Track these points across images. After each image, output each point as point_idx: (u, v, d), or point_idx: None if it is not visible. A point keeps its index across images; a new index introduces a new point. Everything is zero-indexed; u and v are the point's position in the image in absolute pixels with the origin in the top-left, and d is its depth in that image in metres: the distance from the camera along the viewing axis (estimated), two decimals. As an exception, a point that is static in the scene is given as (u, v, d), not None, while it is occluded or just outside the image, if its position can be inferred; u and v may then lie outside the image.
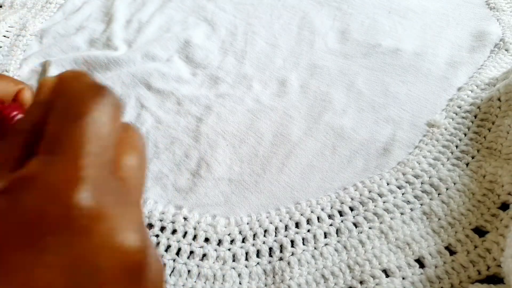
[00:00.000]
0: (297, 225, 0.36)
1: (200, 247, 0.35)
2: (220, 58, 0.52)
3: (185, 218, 0.37)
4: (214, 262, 0.34)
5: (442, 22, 0.54)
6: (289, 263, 0.33)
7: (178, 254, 0.34)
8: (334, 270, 0.32)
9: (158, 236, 0.36)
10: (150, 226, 0.36)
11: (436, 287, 0.31)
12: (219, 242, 0.35)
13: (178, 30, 0.57)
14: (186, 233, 0.36)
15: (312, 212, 0.36)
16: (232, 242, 0.35)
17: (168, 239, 0.35)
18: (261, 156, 0.41)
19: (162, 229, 0.36)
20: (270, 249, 0.34)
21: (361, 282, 0.32)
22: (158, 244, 0.35)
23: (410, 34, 0.53)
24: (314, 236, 0.35)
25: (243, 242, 0.35)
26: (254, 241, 0.35)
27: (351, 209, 0.36)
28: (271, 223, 0.36)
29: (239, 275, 0.33)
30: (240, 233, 0.36)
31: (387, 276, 0.32)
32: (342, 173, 0.39)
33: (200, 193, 0.39)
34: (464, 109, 0.43)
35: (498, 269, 0.30)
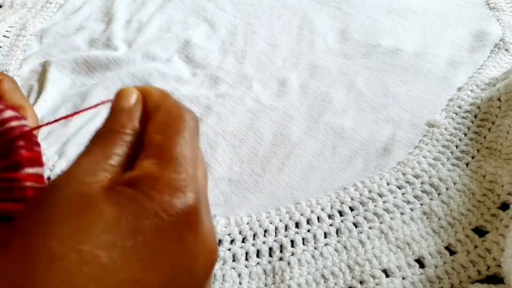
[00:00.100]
0: (297, 225, 0.36)
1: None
2: (220, 58, 0.52)
3: (185, 218, 0.37)
4: (214, 262, 0.34)
5: (442, 22, 0.54)
6: (289, 263, 0.33)
7: (178, 254, 0.34)
8: (334, 270, 0.32)
9: (158, 236, 0.36)
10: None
11: (436, 287, 0.31)
12: (219, 242, 0.35)
13: (178, 30, 0.57)
14: (186, 233, 0.36)
15: (312, 212, 0.36)
16: (232, 242, 0.35)
17: (168, 239, 0.35)
18: (261, 156, 0.41)
19: (162, 229, 0.36)
20: (270, 249, 0.34)
21: (361, 282, 0.32)
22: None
23: (410, 34, 0.53)
24: (314, 236, 0.35)
25: (243, 242, 0.35)
26: (254, 241, 0.35)
27: (351, 209, 0.36)
28: (271, 223, 0.36)
29: (239, 275, 0.33)
30: (240, 233, 0.36)
31: (387, 276, 0.32)
32: (342, 173, 0.39)
33: (200, 193, 0.39)
34: (464, 109, 0.43)
35: (498, 269, 0.30)
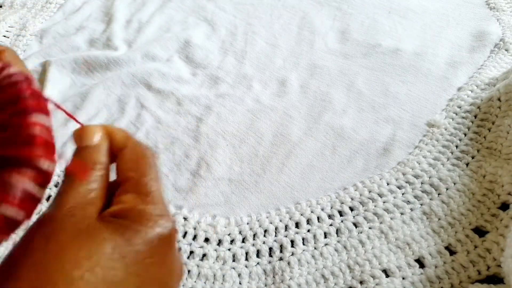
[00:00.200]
0: (297, 225, 0.36)
1: (200, 247, 0.35)
2: (220, 58, 0.52)
3: (185, 218, 0.37)
4: (214, 262, 0.34)
5: (442, 22, 0.54)
6: (289, 263, 0.33)
7: (178, 254, 0.35)
8: (334, 270, 0.32)
9: (158, 236, 0.36)
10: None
11: (436, 287, 0.31)
12: (219, 242, 0.35)
13: (178, 30, 0.57)
14: (186, 233, 0.36)
15: (312, 212, 0.36)
16: (232, 242, 0.35)
17: (168, 239, 0.35)
18: (261, 156, 0.41)
19: (162, 229, 0.36)
20: (270, 249, 0.34)
21: (361, 282, 0.32)
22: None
23: (410, 34, 0.53)
24: (314, 236, 0.35)
25: (243, 242, 0.35)
26: (254, 241, 0.35)
27: (351, 209, 0.36)
28: (271, 223, 0.36)
29: (239, 275, 0.33)
30: (240, 233, 0.36)
31: (387, 276, 0.32)
32: (342, 173, 0.39)
33: (200, 193, 0.39)
34: (464, 109, 0.43)
35: (498, 269, 0.30)
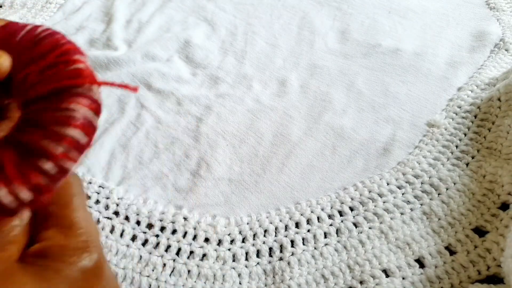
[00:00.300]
0: (297, 225, 0.36)
1: (200, 247, 0.35)
2: (220, 58, 0.52)
3: (185, 218, 0.37)
4: (214, 262, 0.34)
5: (442, 22, 0.54)
6: (289, 263, 0.33)
7: (178, 254, 0.34)
8: (334, 270, 0.32)
9: (158, 236, 0.36)
10: (150, 226, 0.36)
11: (436, 287, 0.31)
12: (219, 242, 0.35)
13: (178, 30, 0.57)
14: (186, 233, 0.36)
15: (312, 212, 0.36)
16: (232, 242, 0.35)
17: (168, 239, 0.35)
18: (261, 156, 0.41)
19: (162, 229, 0.36)
20: (270, 249, 0.34)
21: (361, 282, 0.32)
22: (158, 244, 0.35)
23: (410, 34, 0.53)
24: (314, 236, 0.35)
25: (243, 242, 0.35)
26: (254, 241, 0.35)
27: (351, 209, 0.36)
28: (271, 223, 0.36)
29: (239, 275, 0.33)
30: (240, 233, 0.36)
31: (387, 276, 0.32)
32: (342, 173, 0.39)
33: (200, 193, 0.39)
34: (464, 109, 0.43)
35: (498, 269, 0.30)
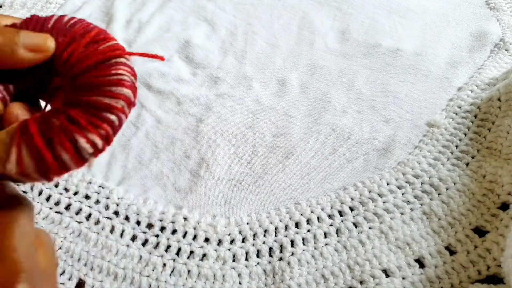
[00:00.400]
0: (297, 225, 0.36)
1: (200, 247, 0.35)
2: (220, 58, 0.52)
3: (185, 218, 0.37)
4: (214, 262, 0.34)
5: (442, 22, 0.54)
6: (289, 263, 0.33)
7: (178, 254, 0.35)
8: (334, 270, 0.32)
9: (158, 236, 0.36)
10: (150, 226, 0.36)
11: (436, 287, 0.31)
12: (219, 242, 0.35)
13: (178, 30, 0.57)
14: (186, 233, 0.36)
15: (312, 212, 0.36)
16: (232, 242, 0.35)
17: (168, 239, 0.35)
18: (261, 156, 0.41)
19: (162, 229, 0.36)
20: (270, 249, 0.34)
21: (361, 282, 0.32)
22: (158, 244, 0.35)
23: (410, 34, 0.53)
24: (314, 236, 0.35)
25: (243, 242, 0.35)
26: (254, 241, 0.35)
27: (351, 209, 0.36)
28: (271, 223, 0.36)
29: (239, 275, 0.33)
30: (240, 233, 0.36)
31: (387, 276, 0.32)
32: (342, 173, 0.39)
33: (200, 193, 0.39)
34: (464, 109, 0.43)
35: (498, 269, 0.30)
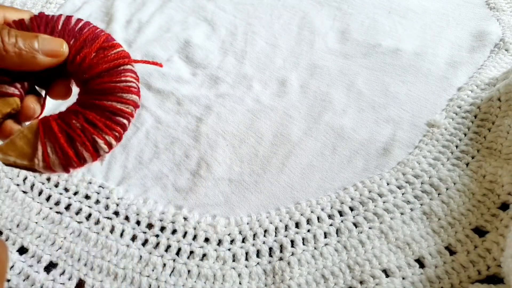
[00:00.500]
0: (297, 225, 0.36)
1: (200, 247, 0.35)
2: (220, 58, 0.52)
3: (185, 218, 0.37)
4: (214, 262, 0.34)
5: (442, 22, 0.54)
6: (289, 263, 0.33)
7: (178, 254, 0.35)
8: (334, 270, 0.32)
9: (158, 236, 0.36)
10: (150, 226, 0.36)
11: (436, 287, 0.31)
12: (219, 242, 0.35)
13: (178, 30, 0.57)
14: (186, 233, 0.36)
15: (312, 212, 0.36)
16: (232, 242, 0.35)
17: (168, 239, 0.35)
18: (261, 156, 0.41)
19: (162, 229, 0.36)
20: (270, 249, 0.34)
21: (361, 282, 0.32)
22: (158, 244, 0.35)
23: (410, 34, 0.53)
24: (314, 236, 0.35)
25: (243, 242, 0.35)
26: (254, 241, 0.35)
27: (351, 209, 0.36)
28: (271, 223, 0.36)
29: (239, 275, 0.33)
30: (240, 233, 0.36)
31: (387, 276, 0.32)
32: (342, 173, 0.39)
33: (200, 193, 0.39)
34: (464, 109, 0.43)
35: (498, 269, 0.30)
